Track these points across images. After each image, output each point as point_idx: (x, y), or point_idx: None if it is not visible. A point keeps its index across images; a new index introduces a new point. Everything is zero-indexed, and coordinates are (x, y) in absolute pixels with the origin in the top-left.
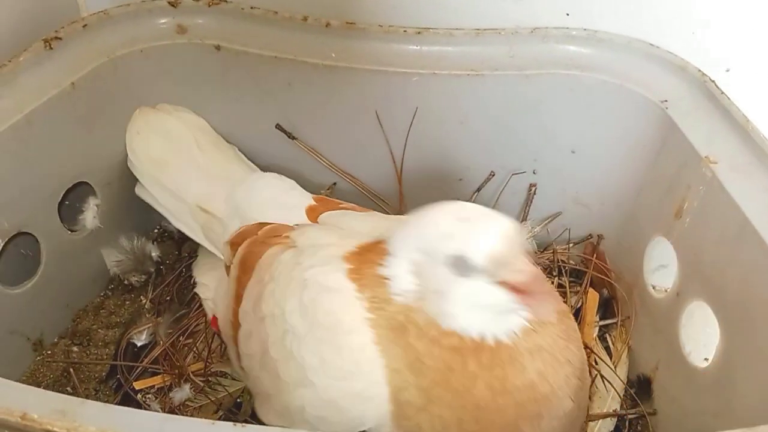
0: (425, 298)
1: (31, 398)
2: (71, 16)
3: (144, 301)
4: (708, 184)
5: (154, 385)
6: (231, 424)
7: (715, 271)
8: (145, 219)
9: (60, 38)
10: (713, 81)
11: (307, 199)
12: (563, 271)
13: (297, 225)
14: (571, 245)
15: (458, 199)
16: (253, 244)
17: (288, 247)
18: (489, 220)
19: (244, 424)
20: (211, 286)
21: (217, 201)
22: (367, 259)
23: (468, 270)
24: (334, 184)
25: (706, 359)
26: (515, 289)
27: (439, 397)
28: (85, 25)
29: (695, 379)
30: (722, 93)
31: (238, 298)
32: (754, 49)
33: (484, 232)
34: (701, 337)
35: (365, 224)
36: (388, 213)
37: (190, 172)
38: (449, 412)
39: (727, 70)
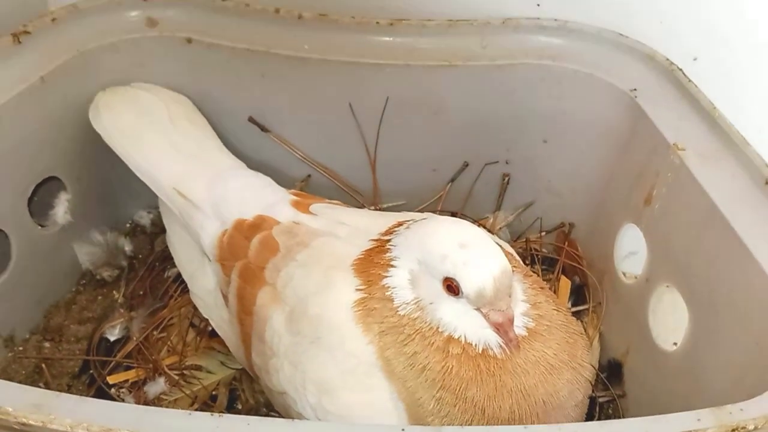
0: (424, 309)
1: (6, 392)
2: (39, 9)
3: (117, 296)
4: (676, 170)
5: (128, 380)
6: (208, 414)
7: (683, 256)
8: (117, 213)
9: (28, 32)
10: (681, 69)
11: (286, 194)
12: (536, 260)
13: (279, 224)
14: (543, 234)
15: (433, 190)
16: (246, 279)
17: (276, 302)
18: (484, 256)
19: (221, 414)
20: (207, 300)
21: (196, 187)
22: (373, 268)
23: (457, 293)
24: (309, 176)
25: (674, 343)
26: (491, 323)
27: (443, 400)
28: (53, 19)
29: (664, 363)
30: (689, 81)
31: (246, 336)
32: (721, 38)
33: (477, 267)
34: (670, 321)
35: (362, 219)
36: (362, 204)
37: (164, 149)
38: (455, 411)
39: (695, 59)
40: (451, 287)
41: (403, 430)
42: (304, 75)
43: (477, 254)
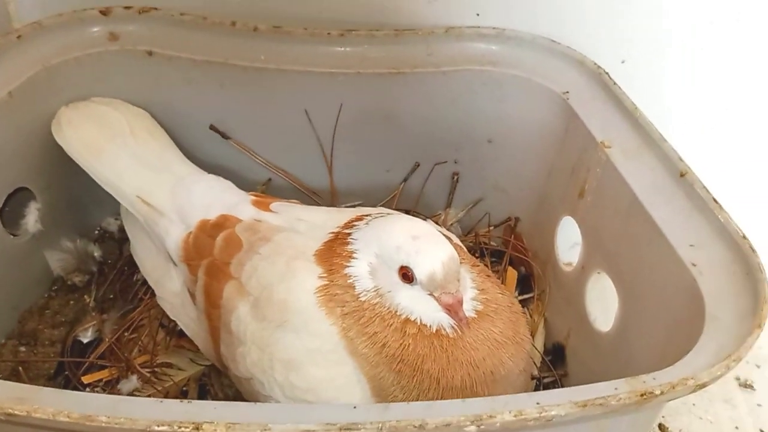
0: (383, 296)
1: None
2: (3, 27)
3: (88, 300)
4: (603, 166)
5: (101, 379)
6: (178, 401)
7: (612, 244)
8: (85, 221)
9: None
10: (607, 73)
11: (246, 196)
12: (485, 252)
13: (242, 222)
14: (491, 228)
15: (387, 190)
16: (212, 275)
17: (242, 294)
18: (434, 245)
19: (189, 401)
20: (174, 303)
21: (159, 194)
22: (335, 257)
23: (411, 280)
24: (269, 180)
25: (608, 324)
26: (443, 305)
27: (402, 371)
28: (19, 36)
29: (600, 343)
30: (614, 84)
31: (214, 330)
32: (646, 42)
33: (427, 255)
34: (604, 304)
35: (319, 216)
36: (320, 205)
37: (127, 160)
38: (413, 382)
39: (623, 62)
40: (406, 275)
41: (354, 407)
42: (262, 84)
43: (427, 244)
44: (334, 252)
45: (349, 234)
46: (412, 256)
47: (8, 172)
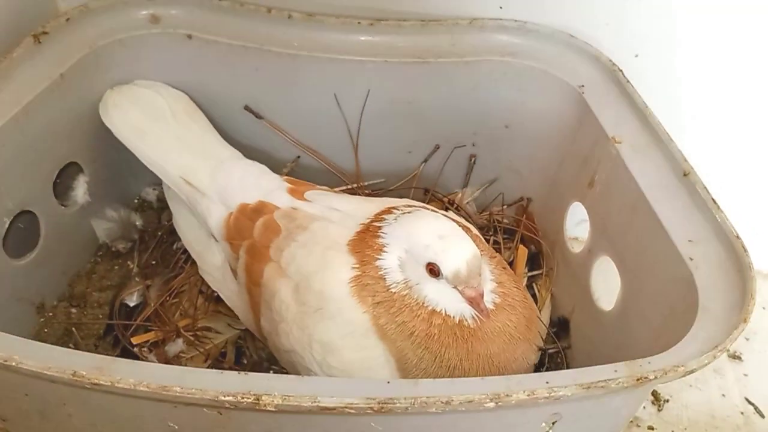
0: (412, 288)
1: (71, 358)
2: (49, 10)
3: (131, 266)
4: (613, 160)
5: (148, 340)
6: (236, 372)
7: (617, 233)
8: (126, 191)
9: (47, 33)
10: (621, 70)
11: (281, 182)
12: (498, 230)
13: (279, 209)
14: (504, 207)
15: (408, 170)
16: (253, 256)
17: (281, 275)
18: (459, 244)
19: (246, 372)
20: (216, 276)
21: (201, 176)
22: (367, 249)
23: (438, 275)
24: (298, 157)
25: (610, 304)
26: (466, 297)
27: (424, 357)
28: (68, 19)
29: (602, 320)
30: (628, 82)
31: (255, 305)
32: (658, 37)
33: (453, 253)
34: (607, 285)
35: (350, 205)
36: (346, 183)
37: (170, 142)
38: (431, 367)
39: (636, 56)
40: (433, 271)
41: (388, 382)
42: (294, 69)
43: (453, 243)
44: (366, 244)
45: (380, 228)
46: (440, 254)
47: (60, 148)
